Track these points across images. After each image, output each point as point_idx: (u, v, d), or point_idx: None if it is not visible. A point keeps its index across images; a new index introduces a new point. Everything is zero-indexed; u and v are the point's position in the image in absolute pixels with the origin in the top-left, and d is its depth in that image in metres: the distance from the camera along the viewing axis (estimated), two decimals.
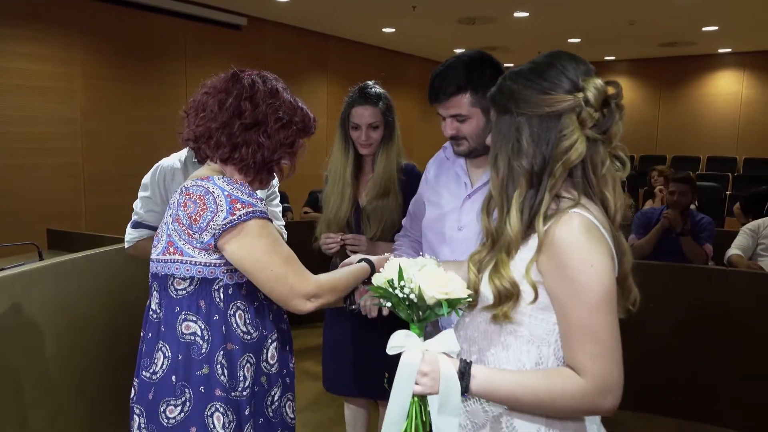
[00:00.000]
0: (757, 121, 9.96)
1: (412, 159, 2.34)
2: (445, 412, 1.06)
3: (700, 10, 6.80)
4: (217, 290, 1.33)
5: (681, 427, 3.30)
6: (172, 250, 1.32)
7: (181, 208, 1.30)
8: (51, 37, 5.36)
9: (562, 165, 1.10)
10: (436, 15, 7.03)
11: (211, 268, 1.31)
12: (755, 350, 3.17)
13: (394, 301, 1.12)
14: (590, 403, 1.06)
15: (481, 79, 1.61)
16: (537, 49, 9.44)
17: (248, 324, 1.36)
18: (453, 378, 1.05)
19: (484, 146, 1.66)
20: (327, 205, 2.30)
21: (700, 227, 3.89)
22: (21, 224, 4.91)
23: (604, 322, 1.05)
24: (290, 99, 1.46)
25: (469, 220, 1.68)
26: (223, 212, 1.26)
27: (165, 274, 1.33)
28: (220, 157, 1.38)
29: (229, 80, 1.40)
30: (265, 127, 1.37)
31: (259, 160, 1.38)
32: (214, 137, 1.36)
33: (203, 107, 1.38)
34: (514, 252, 1.12)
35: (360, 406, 2.45)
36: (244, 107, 1.36)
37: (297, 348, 4.97)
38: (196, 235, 1.28)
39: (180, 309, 1.32)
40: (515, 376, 1.09)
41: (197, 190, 1.29)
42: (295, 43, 7.84)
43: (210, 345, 1.31)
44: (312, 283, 1.32)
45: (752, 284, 3.21)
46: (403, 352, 1.08)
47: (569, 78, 1.12)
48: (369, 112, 2.17)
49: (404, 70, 9.94)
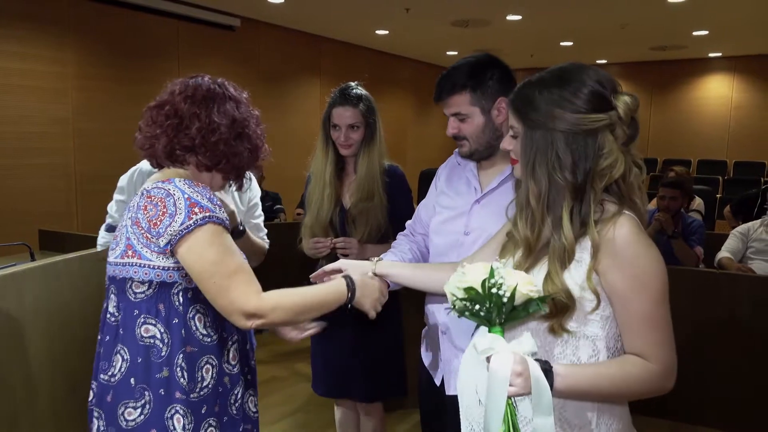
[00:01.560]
0: (747, 125, 10.05)
1: (405, 160, 2.35)
2: (540, 412, 1.08)
3: (691, 14, 6.85)
4: (176, 294, 1.33)
5: (673, 428, 3.33)
6: (130, 254, 1.31)
7: (141, 211, 1.30)
8: (43, 36, 5.34)
9: (605, 182, 1.16)
10: (430, 17, 7.05)
11: (170, 272, 1.31)
12: (746, 352, 3.19)
13: (487, 302, 1.10)
14: (658, 386, 1.15)
15: (482, 80, 1.63)
16: (530, 52, 9.50)
17: (208, 327, 1.36)
18: (542, 377, 1.08)
19: (486, 148, 1.69)
20: (309, 205, 2.30)
21: (691, 230, 3.92)
22: (13, 225, 4.88)
23: (665, 312, 1.15)
24: (248, 104, 1.48)
25: (477, 225, 1.68)
26: (181, 216, 1.26)
27: (123, 277, 1.33)
28: (210, 165, 1.39)
29: (207, 90, 1.41)
30: (244, 130, 1.40)
31: (242, 165, 1.41)
32: (212, 148, 1.37)
33: (191, 118, 1.38)
34: (567, 262, 1.17)
35: (350, 408, 2.45)
36: (235, 116, 1.39)
37: (290, 349, 4.96)
38: (154, 239, 1.28)
39: (139, 312, 1.32)
40: (593, 368, 1.15)
41: (158, 193, 1.29)
42: (289, 45, 7.83)
43: (170, 348, 1.31)
44: (253, 301, 1.28)
45: (742, 287, 3.23)
46: (493, 356, 1.08)
47: (602, 96, 1.16)
48: (349, 113, 2.18)
49: (398, 72, 9.96)
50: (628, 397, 1.21)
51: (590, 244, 1.16)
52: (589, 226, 1.16)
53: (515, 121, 1.24)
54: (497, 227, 1.47)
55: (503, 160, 1.69)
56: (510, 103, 1.26)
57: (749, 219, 4.14)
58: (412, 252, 1.86)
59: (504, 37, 8.27)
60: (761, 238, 3.72)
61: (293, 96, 7.96)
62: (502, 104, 1.63)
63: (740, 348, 3.21)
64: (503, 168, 1.68)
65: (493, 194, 1.68)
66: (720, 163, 9.95)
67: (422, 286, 1.57)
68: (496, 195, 1.67)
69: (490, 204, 1.67)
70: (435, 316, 1.78)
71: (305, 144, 1.61)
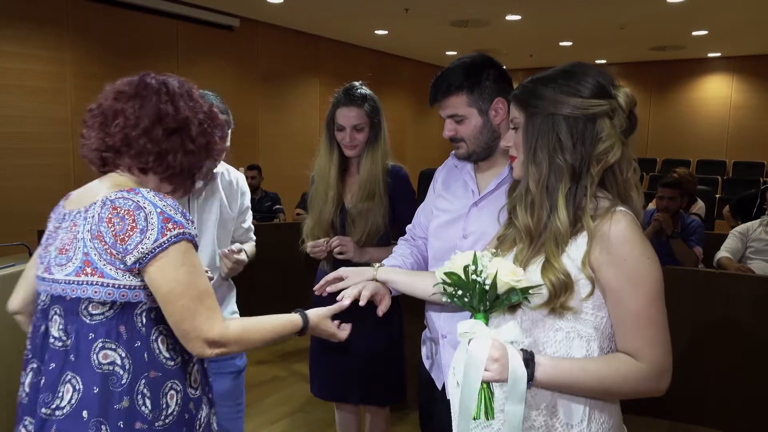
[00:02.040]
0: (746, 125, 10.05)
1: (405, 161, 2.33)
2: (512, 400, 1.09)
3: (690, 14, 6.86)
4: (140, 315, 1.21)
5: (672, 428, 3.32)
6: (89, 271, 1.17)
7: (104, 224, 1.16)
8: (42, 36, 5.34)
9: (600, 166, 1.17)
10: (429, 17, 7.05)
11: (136, 291, 1.19)
12: (745, 352, 3.20)
13: (469, 288, 1.13)
14: (649, 386, 1.14)
15: (479, 81, 1.61)
16: (529, 53, 9.50)
17: (171, 349, 1.25)
18: (520, 365, 1.08)
19: (483, 150, 1.67)
20: (312, 207, 2.27)
21: (690, 230, 3.92)
22: (11, 225, 4.87)
23: (659, 311, 1.14)
24: (203, 101, 1.35)
25: (475, 228, 1.66)
26: (154, 232, 1.15)
27: (77, 297, 1.18)
28: (141, 166, 1.26)
29: (139, 85, 1.29)
30: (188, 131, 1.27)
31: (185, 167, 1.28)
32: (135, 145, 1.24)
33: (115, 114, 1.26)
34: (563, 245, 1.17)
35: (350, 412, 2.44)
36: (165, 111, 1.25)
37: (290, 350, 4.95)
38: (121, 255, 1.16)
39: (95, 336, 1.18)
40: (580, 363, 1.14)
41: (125, 205, 1.17)
42: (288, 45, 7.83)
43: (131, 374, 1.19)
44: (217, 329, 1.19)
45: (741, 287, 3.24)
46: (472, 339, 1.10)
47: (602, 84, 1.19)
48: (354, 114, 2.14)
49: (397, 72, 9.96)
50: (616, 395, 1.20)
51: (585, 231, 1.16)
52: (585, 212, 1.17)
53: (517, 112, 1.25)
54: (495, 230, 1.46)
55: (501, 161, 1.68)
56: (513, 97, 1.27)
57: (748, 219, 4.15)
58: (414, 257, 1.83)
59: (503, 37, 8.27)
60: (760, 238, 3.73)
61: (292, 96, 7.95)
62: (499, 104, 1.62)
63: (739, 348, 3.21)
64: (501, 170, 1.67)
65: (491, 197, 1.66)
66: (719, 163, 9.95)
67: (418, 293, 1.57)
68: (494, 197, 1.65)
69: (488, 206, 1.64)
70: (435, 321, 1.76)
71: (304, 144, 1.59)
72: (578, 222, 1.18)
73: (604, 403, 1.21)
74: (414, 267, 1.80)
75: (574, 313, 1.16)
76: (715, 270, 3.54)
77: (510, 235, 1.31)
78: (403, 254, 1.83)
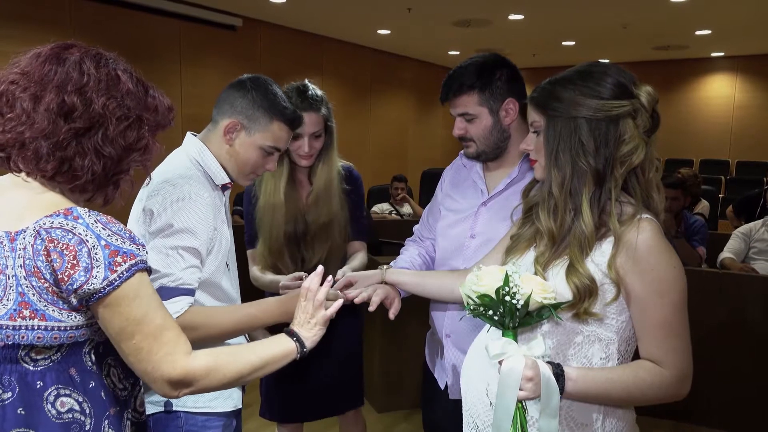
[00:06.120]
0: (750, 125, 10.02)
1: (407, 160, 2.30)
2: (546, 414, 1.10)
3: (693, 14, 6.84)
4: (88, 353, 1.07)
5: (676, 428, 3.32)
6: (27, 314, 0.99)
7: (41, 259, 0.97)
8: (44, 37, 5.30)
9: (625, 168, 1.16)
10: (432, 17, 7.04)
11: (83, 329, 1.03)
12: (749, 352, 3.19)
13: (501, 307, 1.10)
14: (672, 392, 1.16)
15: (491, 80, 1.60)
16: (532, 52, 9.49)
17: (122, 379, 1.13)
18: (552, 381, 1.09)
19: (492, 149, 1.66)
20: (260, 229, 1.99)
21: (693, 230, 3.91)
22: None
23: (683, 318, 1.15)
24: (135, 87, 1.12)
25: (484, 228, 1.65)
26: (101, 270, 0.97)
27: (15, 344, 1.00)
28: (41, 174, 1.02)
29: (48, 61, 1.04)
30: (105, 129, 1.03)
31: (100, 174, 1.04)
32: (30, 147, 1.01)
33: (10, 103, 1.02)
34: (588, 249, 1.16)
35: (296, 428, 2.26)
36: (72, 105, 1.01)
37: None
38: (64, 295, 0.99)
39: (44, 384, 1.02)
40: (605, 373, 1.14)
41: (63, 238, 0.97)
42: (290, 45, 7.83)
43: (93, 418, 1.05)
44: (179, 367, 1.03)
45: (745, 287, 3.23)
46: (505, 360, 1.09)
47: (623, 84, 1.17)
48: (313, 120, 1.87)
49: (399, 72, 9.95)
50: (640, 402, 1.20)
51: (612, 236, 1.15)
52: (610, 215, 1.16)
53: (537, 115, 1.24)
54: (504, 230, 1.45)
55: (510, 161, 1.67)
56: (531, 99, 1.26)
57: (751, 219, 4.13)
58: (422, 257, 1.82)
59: (506, 36, 8.25)
60: (763, 239, 3.71)
61: None
62: (510, 105, 1.61)
63: (743, 348, 3.20)
64: (510, 170, 1.66)
65: (500, 197, 1.65)
66: (723, 163, 9.93)
67: (429, 293, 1.57)
68: (502, 198, 1.65)
69: (497, 207, 1.64)
70: (439, 321, 1.76)
71: None
72: (603, 227, 1.17)
73: (618, 410, 1.22)
74: (422, 268, 1.79)
75: (597, 319, 1.16)
76: (719, 270, 3.53)
77: (525, 234, 1.30)
78: (411, 255, 1.83)
